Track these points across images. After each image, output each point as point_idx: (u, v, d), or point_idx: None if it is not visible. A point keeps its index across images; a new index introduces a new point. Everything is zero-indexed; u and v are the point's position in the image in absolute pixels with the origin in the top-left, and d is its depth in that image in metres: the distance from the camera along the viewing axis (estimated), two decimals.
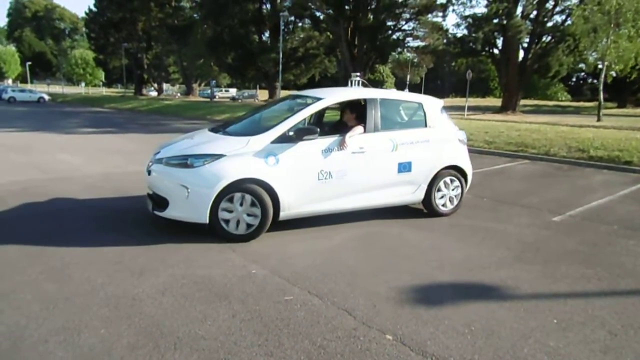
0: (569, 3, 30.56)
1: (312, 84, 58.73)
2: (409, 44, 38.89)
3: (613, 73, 22.45)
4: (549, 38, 33.60)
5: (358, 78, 6.73)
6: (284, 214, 4.70)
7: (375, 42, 34.90)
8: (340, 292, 3.41)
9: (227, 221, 4.49)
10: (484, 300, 3.39)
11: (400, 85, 73.89)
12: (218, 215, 4.44)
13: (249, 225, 4.55)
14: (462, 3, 33.45)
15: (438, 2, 33.61)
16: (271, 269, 3.83)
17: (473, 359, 2.61)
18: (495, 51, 35.29)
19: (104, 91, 70.83)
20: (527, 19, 32.29)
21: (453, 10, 34.55)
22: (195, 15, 46.30)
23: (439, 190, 5.69)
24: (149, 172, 4.85)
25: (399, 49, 39.92)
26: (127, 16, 49.23)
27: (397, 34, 36.89)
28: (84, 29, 69.66)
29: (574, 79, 59.36)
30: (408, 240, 4.77)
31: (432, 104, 5.87)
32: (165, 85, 62.40)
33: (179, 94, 59.29)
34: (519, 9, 31.08)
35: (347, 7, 33.24)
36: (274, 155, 4.61)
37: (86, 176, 7.58)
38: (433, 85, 65.80)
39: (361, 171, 5.06)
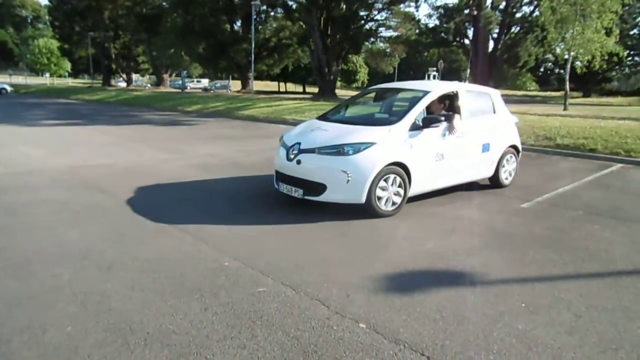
0: None
1: (285, 74, 58.40)
2: (381, 34, 39.09)
3: (578, 63, 23.07)
4: (518, 29, 34.28)
5: (434, 73, 8.11)
6: (410, 192, 5.41)
7: (348, 32, 34.89)
8: (314, 283, 3.41)
9: (379, 200, 5.08)
10: (455, 286, 3.44)
11: (373, 75, 74.09)
12: (373, 195, 4.99)
13: (394, 203, 5.23)
14: None
15: None
16: (244, 260, 3.79)
17: (444, 344, 2.65)
18: (466, 41, 35.77)
19: (70, 82, 68.48)
20: (497, 10, 32.81)
21: (425, 0, 34.82)
22: (164, 4, 45.13)
23: (503, 166, 6.74)
24: (298, 162, 5.20)
25: (372, 39, 40.05)
26: (92, 4, 47.52)
27: (370, 24, 37.02)
28: (47, 17, 66.98)
29: (541, 69, 60.76)
30: (381, 229, 4.80)
31: (497, 94, 6.95)
32: (134, 76, 60.75)
33: (149, 85, 57.88)
34: (489, 0, 31.52)
35: None
36: (409, 141, 5.30)
37: (51, 170, 7.32)
38: (406, 76, 66.21)
39: (461, 152, 5.97)
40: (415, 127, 5.38)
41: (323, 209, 5.32)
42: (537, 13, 30.44)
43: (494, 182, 6.78)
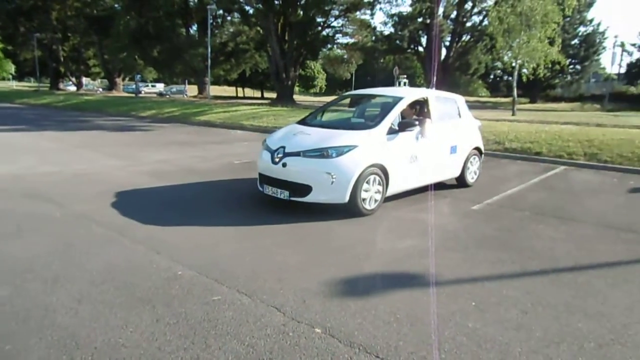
0: (485, 5, 32.51)
1: (243, 79, 57.91)
2: (338, 41, 39.48)
3: (525, 70, 24.22)
4: (469, 37, 35.58)
5: (405, 80, 8.91)
6: (388, 192, 5.74)
7: (306, 38, 35.03)
8: (270, 289, 3.39)
9: (362, 199, 5.34)
10: (409, 288, 3.52)
11: (331, 81, 74.65)
12: (356, 195, 5.26)
13: (375, 202, 5.53)
14: (388, 2, 34.56)
15: (365, 0, 34.37)
16: (198, 269, 3.72)
17: (398, 345, 2.70)
18: (421, 49, 36.76)
19: (15, 85, 65.02)
20: (448, 19, 33.93)
21: (380, 8, 35.74)
22: (116, 6, 43.69)
23: (469, 167, 7.23)
24: (284, 165, 5.38)
25: (329, 45, 40.37)
26: (38, 4, 45.34)
27: (327, 30, 37.32)
28: None
29: (491, 77, 63.26)
30: (337, 234, 4.84)
31: (461, 100, 7.44)
32: (85, 80, 58.40)
33: (100, 89, 55.73)
34: (441, 9, 32.55)
35: (276, 2, 33.05)
36: (387, 143, 5.63)
37: None
38: (363, 82, 67.23)
39: (432, 154, 6.38)
40: (391, 131, 5.73)
41: (281, 213, 5.33)
42: (486, 22, 31.77)
43: (461, 181, 7.24)
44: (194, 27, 43.12)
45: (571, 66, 51.27)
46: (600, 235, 5.06)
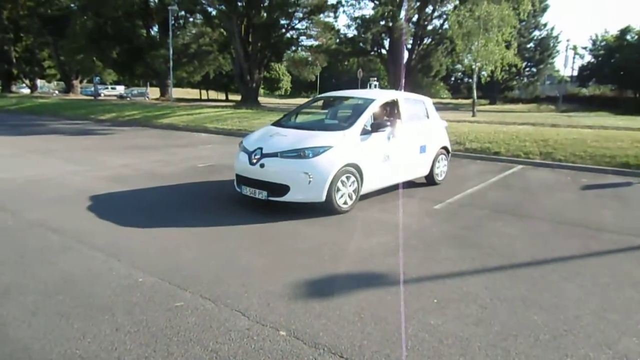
0: (445, 9, 33.34)
1: (207, 81, 57.08)
2: (302, 43, 39.53)
3: (484, 73, 25.00)
4: (430, 40, 36.40)
5: (376, 82, 9.33)
6: (362, 190, 5.93)
7: (270, 40, 34.91)
8: (234, 293, 3.35)
9: (338, 198, 5.51)
10: (373, 287, 3.56)
11: (296, 84, 74.65)
12: (332, 194, 5.42)
13: (350, 200, 5.71)
14: (352, 4, 34.88)
15: (329, 3, 34.64)
16: (160, 275, 3.64)
17: (362, 344, 2.73)
18: (384, 51, 37.31)
19: None
20: (410, 22, 34.58)
21: (343, 11, 36.06)
22: (72, 5, 42.11)
23: (437, 165, 7.52)
24: (261, 165, 5.48)
25: (293, 48, 40.35)
26: None
27: (291, 32, 37.33)
28: None
29: (453, 78, 64.92)
30: (303, 236, 4.84)
31: (429, 101, 7.79)
32: (40, 82, 55.96)
33: (56, 92, 53.64)
34: (403, 13, 33.15)
35: (239, 3, 32.77)
36: (360, 144, 5.83)
37: None
38: (328, 84, 67.57)
39: (403, 154, 6.62)
40: (365, 132, 5.94)
41: (245, 215, 5.31)
42: (446, 26, 32.60)
43: (429, 179, 7.57)
44: (155, 28, 42.18)
45: (527, 69, 53.31)
46: (555, 231, 5.28)
